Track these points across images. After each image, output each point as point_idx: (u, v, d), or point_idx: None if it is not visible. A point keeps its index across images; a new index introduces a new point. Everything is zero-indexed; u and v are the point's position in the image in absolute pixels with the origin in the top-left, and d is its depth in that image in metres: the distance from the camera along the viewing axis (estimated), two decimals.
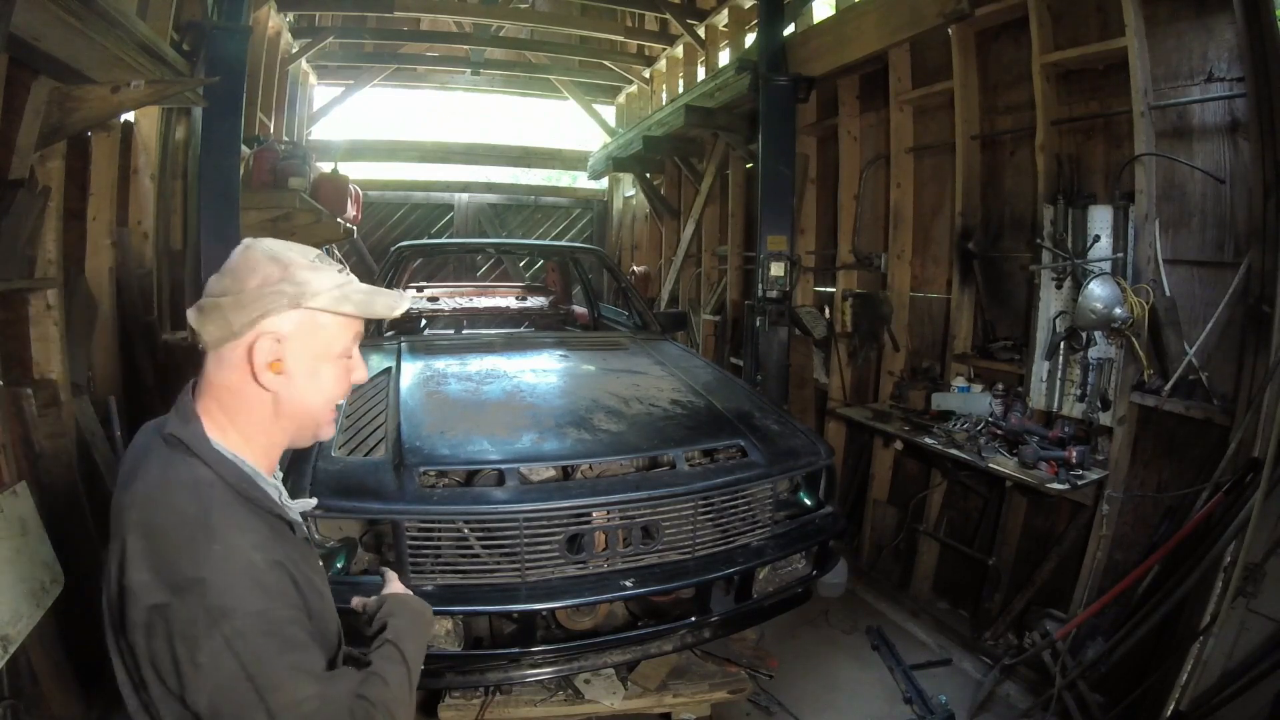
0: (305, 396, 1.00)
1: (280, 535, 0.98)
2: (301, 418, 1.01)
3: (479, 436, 2.41)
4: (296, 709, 0.86)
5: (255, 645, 0.85)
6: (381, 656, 1.04)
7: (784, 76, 4.39)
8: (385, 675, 1.01)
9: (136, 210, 3.60)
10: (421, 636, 1.14)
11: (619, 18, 7.87)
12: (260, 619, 0.86)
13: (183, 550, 0.87)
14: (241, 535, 0.90)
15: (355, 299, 0.99)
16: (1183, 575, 2.44)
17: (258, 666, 0.84)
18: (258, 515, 0.95)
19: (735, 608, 2.45)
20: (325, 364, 1.01)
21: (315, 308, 0.97)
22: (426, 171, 9.89)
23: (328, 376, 1.01)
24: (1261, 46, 2.42)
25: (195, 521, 0.88)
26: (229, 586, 0.85)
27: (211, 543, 0.87)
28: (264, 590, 0.88)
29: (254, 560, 0.88)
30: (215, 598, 0.84)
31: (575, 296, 6.61)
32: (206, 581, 0.85)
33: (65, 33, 2.42)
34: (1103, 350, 2.99)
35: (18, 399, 2.59)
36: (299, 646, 0.90)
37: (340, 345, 1.02)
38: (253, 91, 5.30)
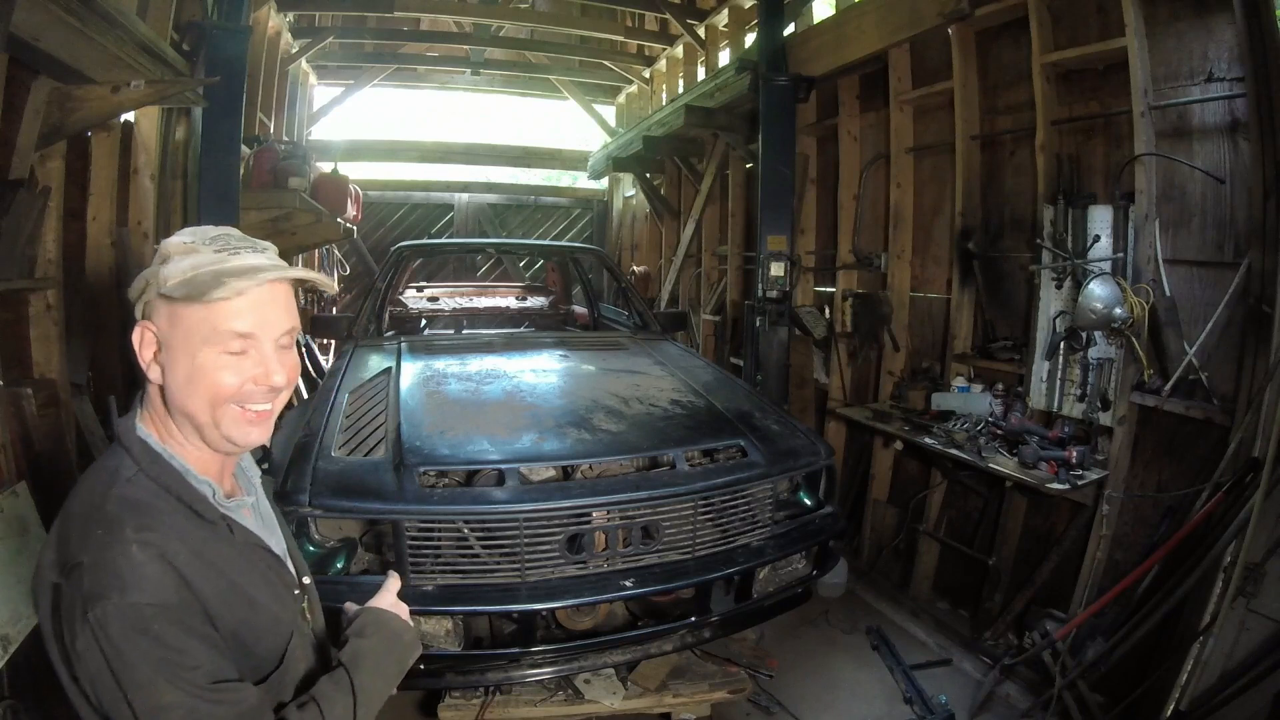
0: (184, 389, 0.90)
1: (210, 534, 0.91)
2: (186, 414, 0.92)
3: (479, 436, 2.41)
4: (160, 715, 0.80)
5: (120, 638, 0.79)
6: (330, 680, 0.96)
7: (784, 76, 4.39)
8: (325, 704, 0.92)
9: (136, 210, 3.60)
10: (389, 663, 1.04)
11: (619, 18, 7.87)
12: (131, 611, 0.80)
13: (76, 534, 0.85)
14: (135, 525, 0.84)
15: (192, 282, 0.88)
16: (1183, 575, 2.44)
17: (120, 662, 0.79)
18: (178, 509, 0.89)
19: (735, 608, 2.45)
20: (200, 356, 0.89)
21: (168, 295, 0.89)
22: (426, 171, 9.89)
23: (207, 369, 0.89)
24: (1261, 46, 2.42)
25: (92, 506, 0.86)
26: (102, 573, 0.81)
27: (97, 528, 0.84)
28: (140, 582, 0.81)
29: (133, 552, 0.82)
30: (89, 583, 0.80)
31: (575, 296, 6.61)
32: (83, 566, 0.81)
33: (65, 33, 2.41)
34: (1103, 350, 2.99)
35: (18, 399, 2.59)
36: (174, 649, 0.81)
37: (206, 334, 0.89)
38: (253, 91, 5.30)
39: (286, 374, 0.95)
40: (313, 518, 2.10)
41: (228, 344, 0.90)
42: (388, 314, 4.34)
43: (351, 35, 7.47)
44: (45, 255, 2.83)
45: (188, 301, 0.88)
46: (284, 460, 2.33)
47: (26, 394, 2.63)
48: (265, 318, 0.92)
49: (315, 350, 6.32)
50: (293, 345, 0.98)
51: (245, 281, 0.89)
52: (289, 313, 0.96)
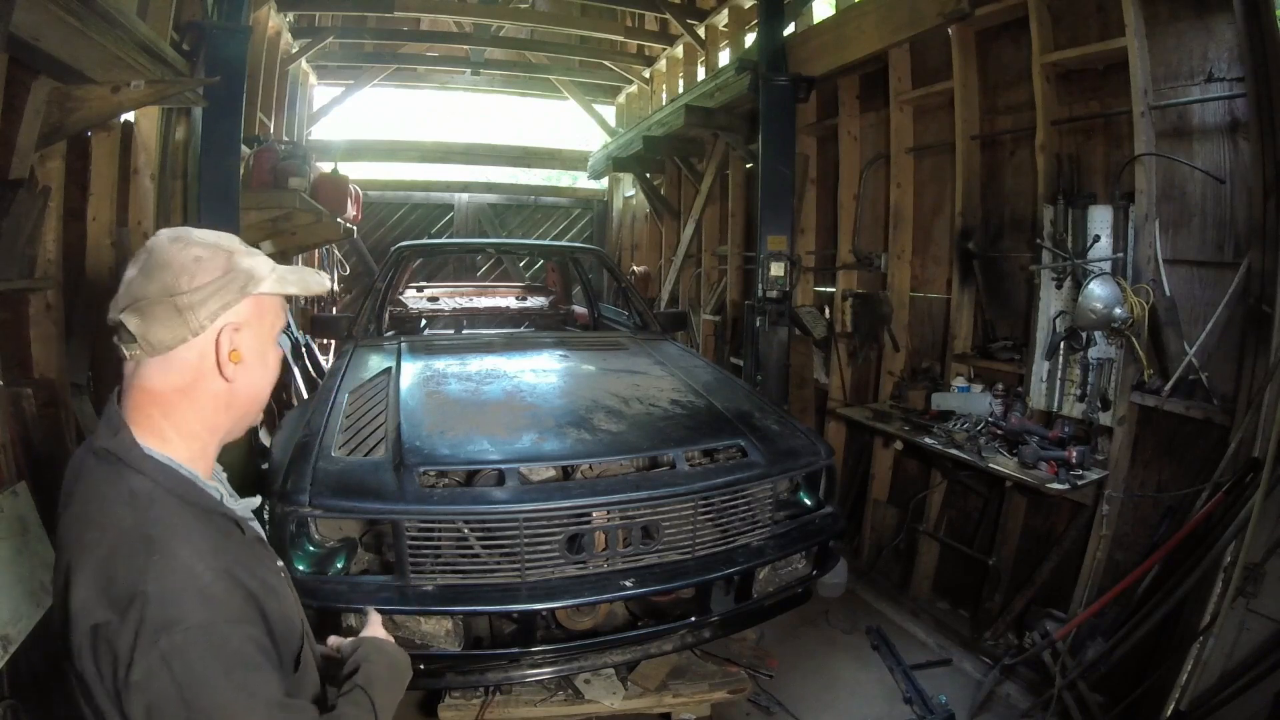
0: (258, 382, 0.98)
1: (229, 536, 0.92)
2: (250, 404, 0.99)
3: (479, 436, 2.41)
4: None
5: (196, 663, 0.77)
6: (350, 701, 0.98)
7: (784, 76, 4.39)
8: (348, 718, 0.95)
9: (136, 210, 3.60)
10: (395, 686, 1.09)
11: (619, 18, 7.87)
12: (204, 633, 0.78)
13: (121, 565, 0.80)
14: (183, 544, 0.83)
15: (292, 279, 0.99)
16: (1183, 575, 2.44)
17: (196, 689, 0.77)
18: (202, 519, 0.89)
19: (735, 608, 2.45)
20: (270, 347, 1.00)
21: (262, 292, 0.95)
22: (426, 171, 9.89)
23: (272, 359, 1.01)
24: (1261, 46, 2.42)
25: (133, 533, 0.82)
26: (170, 599, 0.78)
27: (150, 554, 0.81)
28: (208, 602, 0.80)
29: (197, 570, 0.81)
30: (155, 611, 0.77)
31: (575, 296, 6.61)
32: (147, 594, 0.78)
33: (65, 33, 2.41)
34: (1103, 350, 2.99)
35: (18, 399, 2.58)
36: (250, 667, 0.81)
37: (279, 326, 1.02)
38: (253, 91, 5.30)
39: None
40: (313, 518, 2.10)
41: (276, 336, 1.01)
42: (388, 314, 4.34)
43: (351, 35, 7.47)
44: (45, 255, 2.83)
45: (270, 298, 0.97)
46: (284, 460, 2.33)
47: (26, 394, 2.63)
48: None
49: (315, 350, 6.32)
50: None
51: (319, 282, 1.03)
52: None
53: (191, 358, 0.91)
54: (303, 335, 6.15)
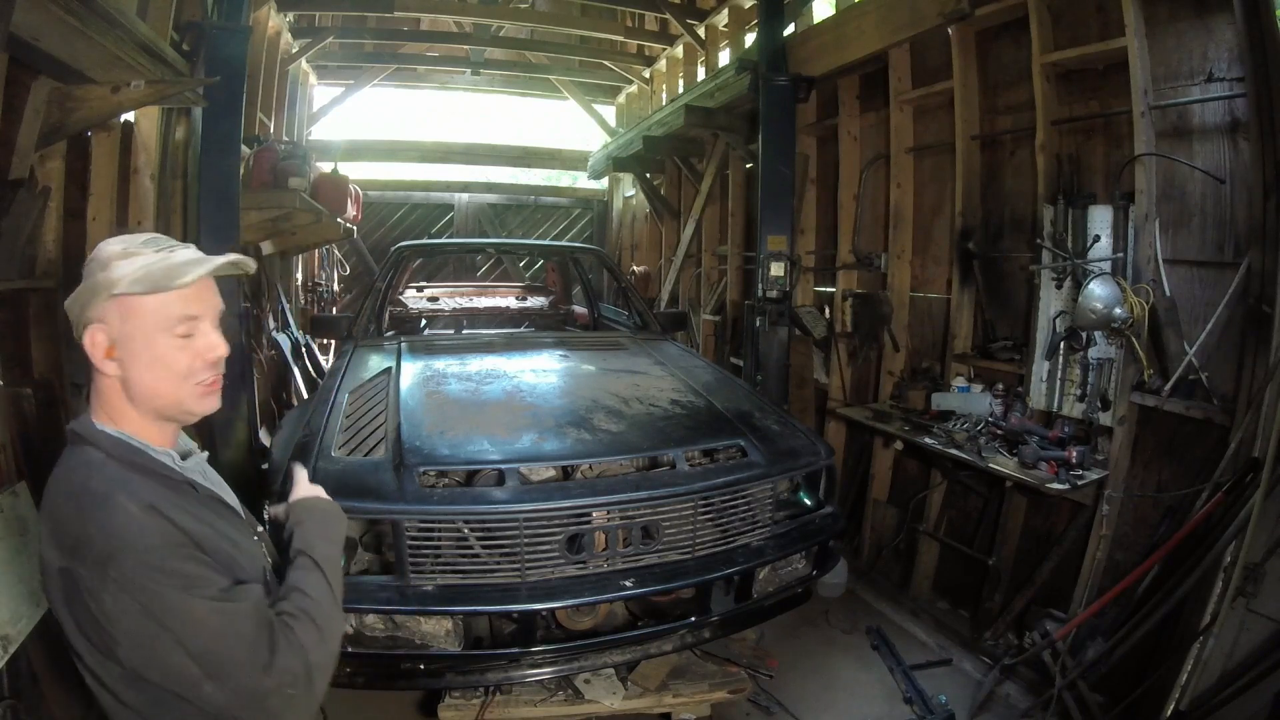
0: (146, 374, 1.04)
1: (179, 492, 1.05)
2: (150, 399, 1.06)
3: (479, 436, 2.41)
4: (197, 626, 0.93)
5: (142, 581, 0.91)
6: (297, 567, 1.10)
7: (784, 76, 4.39)
8: (303, 586, 1.07)
9: (136, 210, 3.59)
10: (333, 536, 1.19)
11: (619, 18, 7.87)
12: (146, 555, 0.93)
13: (72, 517, 0.96)
14: (119, 492, 0.97)
15: (153, 276, 1.02)
16: (1183, 575, 2.44)
17: (150, 599, 0.91)
18: (149, 476, 1.02)
19: (735, 608, 2.45)
20: (157, 344, 1.04)
21: (121, 294, 1.02)
22: (426, 171, 9.89)
23: (165, 355, 1.04)
24: (1261, 46, 2.42)
25: (80, 490, 0.97)
26: (108, 536, 0.93)
27: (94, 505, 0.95)
28: (141, 532, 0.94)
29: (130, 510, 0.95)
30: (100, 548, 0.92)
31: (575, 296, 6.62)
32: (91, 537, 0.93)
33: (65, 33, 2.41)
34: (1103, 350, 2.99)
35: (18, 399, 2.58)
36: (187, 574, 0.94)
37: (161, 322, 1.04)
38: (253, 91, 5.30)
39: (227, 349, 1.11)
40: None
41: (177, 329, 1.04)
42: (388, 314, 4.34)
43: (351, 35, 7.46)
44: (45, 255, 2.82)
45: (145, 295, 1.02)
46: (284, 460, 2.33)
47: (26, 394, 2.63)
48: (206, 301, 1.08)
49: (315, 350, 6.32)
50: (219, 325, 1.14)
51: (200, 269, 1.05)
52: (218, 296, 1.12)
53: (85, 351, 1.04)
54: (303, 335, 6.16)
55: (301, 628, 1.01)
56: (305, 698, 0.99)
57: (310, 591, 1.06)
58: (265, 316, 5.39)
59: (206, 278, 1.07)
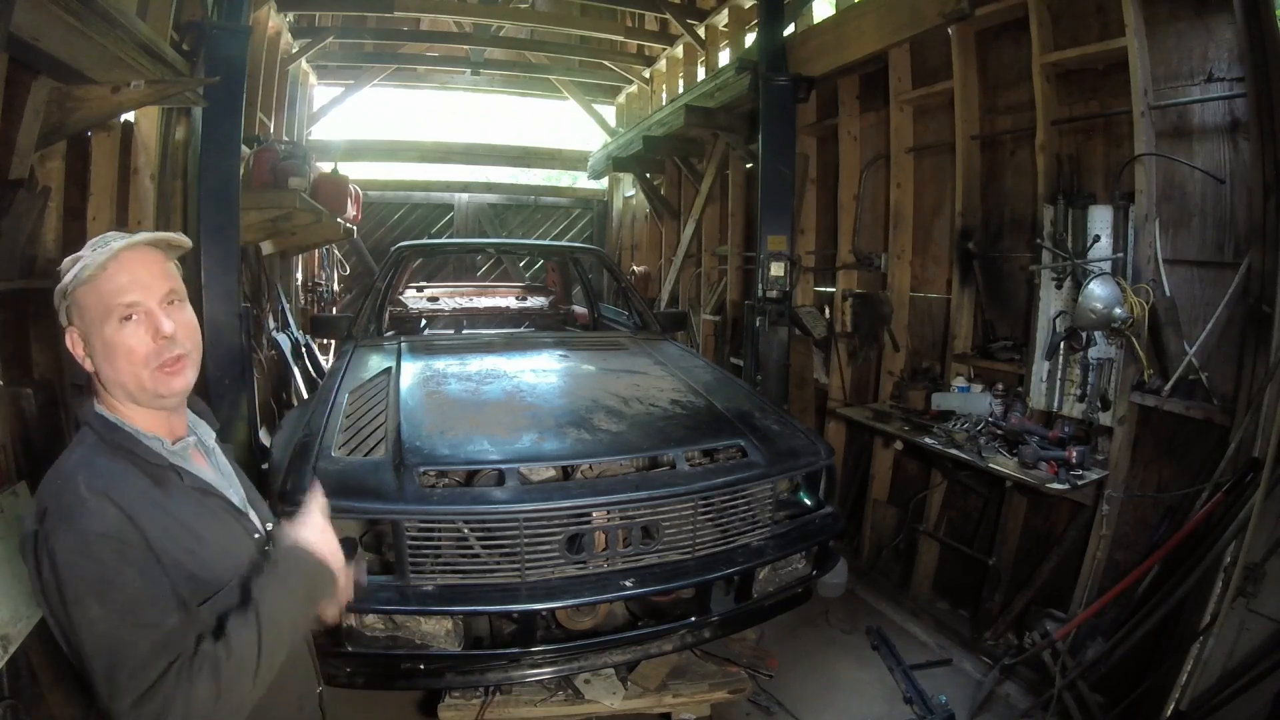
0: (105, 367, 1.10)
1: (158, 481, 1.09)
2: (118, 386, 1.10)
3: (479, 436, 2.41)
4: (88, 627, 0.96)
5: (67, 559, 0.97)
6: (237, 612, 1.04)
7: (784, 76, 4.39)
8: (230, 634, 1.01)
9: (136, 210, 3.59)
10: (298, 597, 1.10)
11: (619, 18, 7.87)
12: (75, 537, 0.97)
13: (45, 489, 1.04)
14: (84, 474, 1.03)
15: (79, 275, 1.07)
16: (1183, 575, 2.44)
17: (65, 580, 0.96)
18: (127, 462, 1.08)
19: (735, 608, 2.45)
20: (106, 334, 1.08)
21: (69, 290, 1.08)
22: (426, 171, 9.89)
23: (115, 342, 1.08)
24: (1261, 46, 2.42)
25: (59, 467, 1.06)
26: (59, 512, 0.99)
27: (58, 481, 1.03)
28: (85, 514, 0.98)
29: (82, 493, 1.00)
30: (49, 521, 0.99)
31: (575, 296, 6.62)
32: (49, 510, 1.00)
33: (65, 33, 2.41)
34: (1103, 350, 2.99)
35: (18, 399, 2.58)
36: (110, 570, 0.97)
37: (101, 312, 1.08)
38: (253, 91, 5.30)
39: (176, 326, 1.11)
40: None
41: (118, 314, 1.08)
42: (388, 314, 4.34)
43: (351, 35, 7.46)
44: (45, 255, 2.82)
45: (79, 288, 1.07)
46: (284, 460, 2.33)
47: (26, 394, 2.63)
48: (142, 284, 1.09)
49: (315, 350, 6.32)
50: (181, 304, 1.15)
51: (102, 255, 1.07)
52: (165, 277, 1.13)
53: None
54: (303, 335, 6.16)
55: (201, 680, 0.95)
56: None
57: (233, 645, 0.99)
58: (265, 316, 5.39)
59: (138, 262, 1.10)
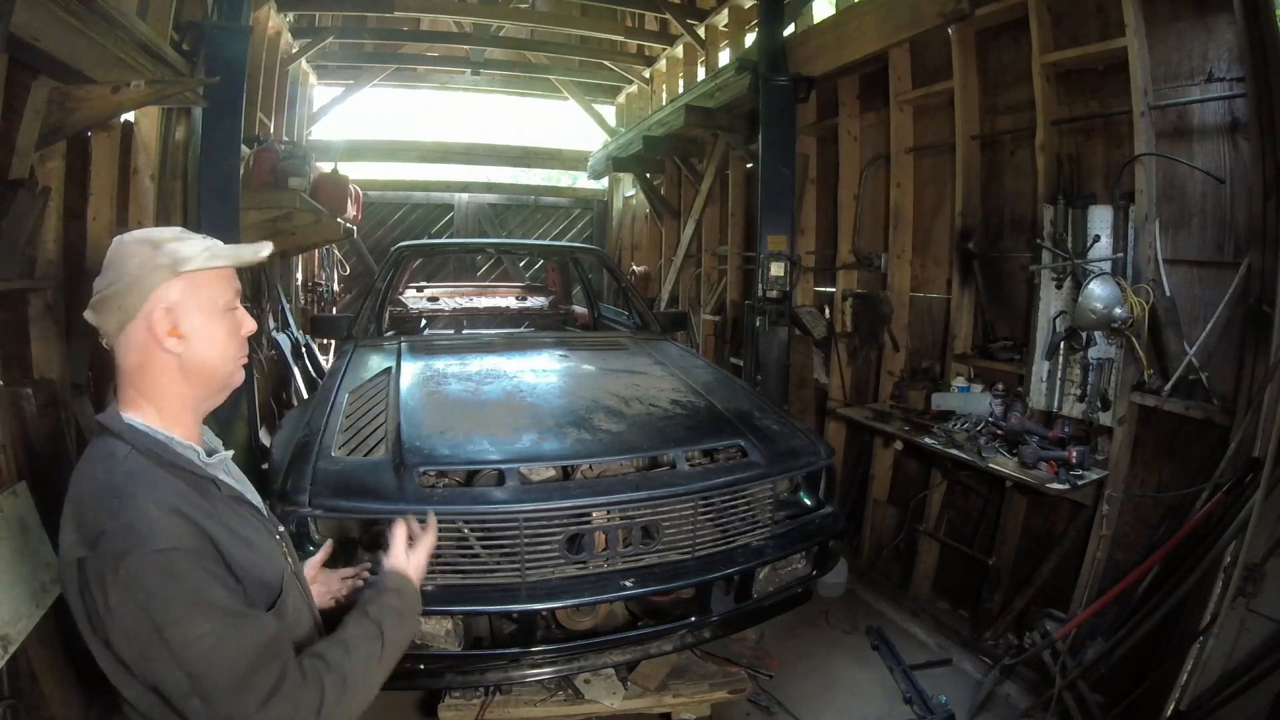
0: (204, 353, 1.07)
1: (202, 491, 1.05)
2: (207, 375, 1.09)
3: (479, 436, 2.41)
4: (195, 645, 0.91)
5: (150, 583, 0.90)
6: (361, 628, 1.09)
7: (784, 76, 4.39)
8: (355, 644, 1.05)
9: (136, 210, 3.59)
10: (409, 622, 1.19)
11: (619, 18, 7.87)
12: (158, 558, 0.91)
13: (91, 509, 0.96)
14: (141, 488, 0.97)
15: (225, 253, 1.09)
16: (1183, 575, 2.44)
17: (154, 604, 0.90)
18: (174, 475, 1.02)
19: (735, 608, 2.45)
20: (214, 320, 1.08)
21: (191, 269, 1.05)
22: (426, 171, 9.89)
23: (220, 331, 1.09)
24: (1261, 46, 2.42)
25: (104, 484, 0.98)
26: (124, 532, 0.92)
27: (114, 498, 0.95)
28: (160, 533, 0.93)
29: (148, 509, 0.94)
30: (116, 544, 0.91)
31: (575, 296, 6.62)
32: (108, 532, 0.92)
33: (65, 33, 2.41)
34: (1103, 350, 2.99)
35: (18, 399, 2.58)
36: (200, 586, 0.93)
37: (224, 299, 1.10)
38: (253, 91, 5.30)
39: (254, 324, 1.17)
40: (313, 518, 2.10)
41: (231, 304, 1.11)
42: (388, 314, 4.34)
43: (351, 35, 7.46)
44: (45, 255, 2.82)
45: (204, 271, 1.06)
46: (284, 460, 2.33)
47: (26, 394, 2.63)
48: (237, 286, 1.14)
49: (315, 350, 6.32)
50: None
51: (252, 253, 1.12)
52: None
53: (138, 338, 1.04)
54: (303, 335, 6.16)
55: (329, 682, 0.99)
56: None
57: (356, 655, 1.04)
58: (265, 316, 5.39)
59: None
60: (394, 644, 1.11)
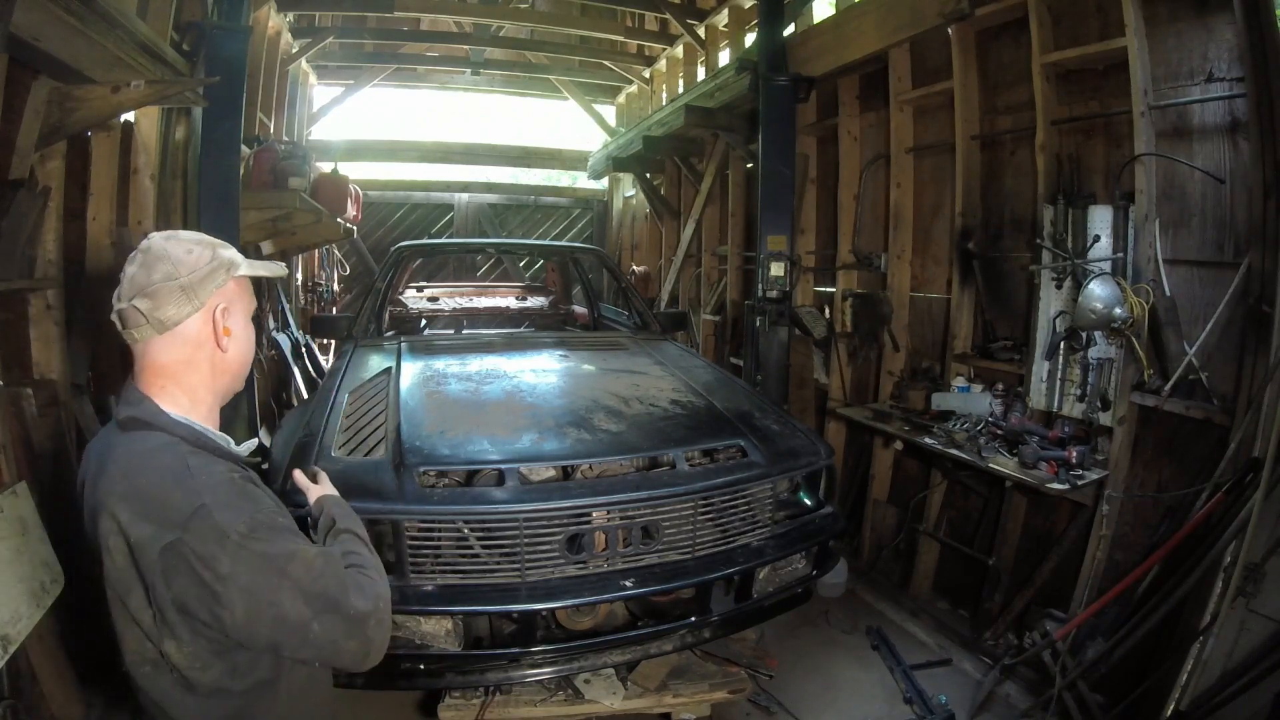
0: (243, 350, 1.20)
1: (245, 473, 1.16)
2: (238, 369, 1.20)
3: (479, 436, 2.41)
4: (310, 568, 1.05)
5: (262, 536, 1.02)
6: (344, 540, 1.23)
7: (784, 76, 4.39)
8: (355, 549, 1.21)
9: (136, 210, 3.60)
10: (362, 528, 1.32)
11: (619, 18, 7.87)
12: (257, 516, 1.04)
13: (173, 493, 1.02)
14: (213, 472, 1.07)
15: (260, 266, 1.23)
16: (1183, 575, 2.44)
17: (272, 549, 1.03)
18: (225, 459, 1.13)
19: (735, 608, 2.45)
20: (248, 321, 1.21)
21: (241, 275, 1.17)
22: (426, 171, 9.89)
23: (250, 335, 1.22)
24: (1261, 46, 2.42)
25: (176, 469, 1.05)
26: (224, 504, 1.02)
27: (197, 478, 1.04)
28: (249, 498, 1.07)
29: (232, 479, 1.07)
30: (218, 515, 1.00)
31: (575, 296, 6.62)
32: (206, 505, 1.00)
33: (65, 33, 2.41)
34: (1103, 350, 2.99)
35: (18, 399, 2.59)
36: (289, 529, 1.09)
37: (253, 306, 1.23)
38: (253, 91, 5.30)
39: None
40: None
41: (249, 311, 1.22)
42: (388, 314, 4.34)
43: (351, 35, 7.46)
44: (45, 255, 2.82)
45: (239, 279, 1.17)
46: (284, 460, 2.33)
47: (26, 394, 2.63)
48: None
49: (315, 350, 6.32)
50: None
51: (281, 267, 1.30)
52: None
53: (192, 333, 1.12)
54: (303, 335, 6.16)
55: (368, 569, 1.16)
56: (388, 623, 1.14)
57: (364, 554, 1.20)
58: (265, 316, 5.39)
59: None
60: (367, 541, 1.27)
